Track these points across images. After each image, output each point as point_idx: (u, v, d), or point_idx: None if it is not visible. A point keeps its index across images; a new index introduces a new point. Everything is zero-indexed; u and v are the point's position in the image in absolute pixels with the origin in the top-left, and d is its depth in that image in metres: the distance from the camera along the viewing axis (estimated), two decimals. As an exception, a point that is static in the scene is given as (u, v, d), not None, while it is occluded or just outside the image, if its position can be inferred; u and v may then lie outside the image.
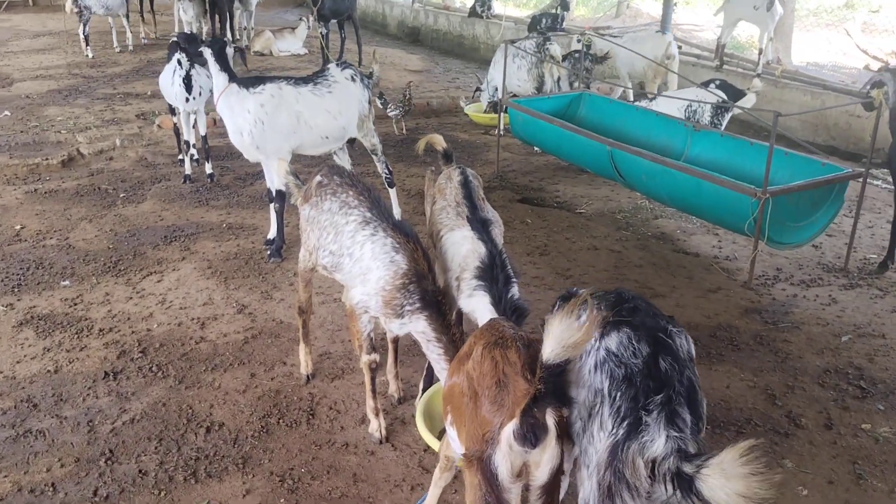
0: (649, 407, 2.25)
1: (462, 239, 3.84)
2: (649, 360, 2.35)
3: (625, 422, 2.27)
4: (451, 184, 4.18)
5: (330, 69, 6.10)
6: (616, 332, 2.45)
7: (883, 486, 3.67)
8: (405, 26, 18.66)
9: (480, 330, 2.84)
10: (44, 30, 17.55)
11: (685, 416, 2.26)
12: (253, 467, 3.74)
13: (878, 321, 5.22)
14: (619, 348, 2.40)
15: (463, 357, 2.74)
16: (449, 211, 4.04)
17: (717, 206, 5.80)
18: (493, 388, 2.48)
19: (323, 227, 3.92)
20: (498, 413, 2.44)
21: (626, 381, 2.33)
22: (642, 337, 2.41)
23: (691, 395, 2.33)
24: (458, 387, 2.68)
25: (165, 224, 6.72)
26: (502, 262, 3.64)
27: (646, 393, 2.28)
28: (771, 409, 4.25)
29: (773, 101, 9.59)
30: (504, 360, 2.53)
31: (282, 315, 5.18)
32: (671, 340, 2.44)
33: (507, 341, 2.61)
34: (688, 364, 2.43)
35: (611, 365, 2.39)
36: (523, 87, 9.05)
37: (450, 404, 2.78)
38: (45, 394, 4.30)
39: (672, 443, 2.18)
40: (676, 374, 2.34)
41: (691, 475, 2.07)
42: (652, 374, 2.32)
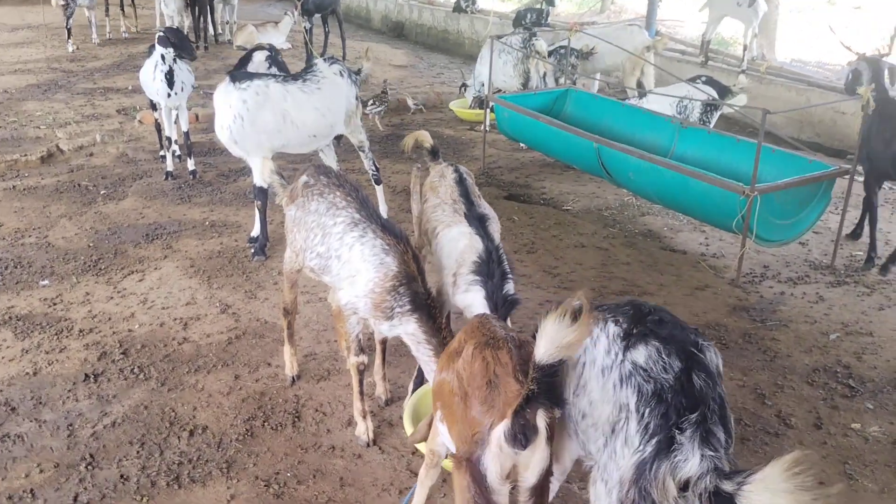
0: (683, 426, 2.18)
1: (459, 235, 3.81)
2: (682, 376, 2.28)
3: (654, 439, 2.21)
4: (445, 181, 4.16)
5: (318, 65, 6.01)
6: (644, 346, 2.37)
7: (873, 486, 3.65)
8: (389, 21, 18.55)
9: (471, 327, 2.79)
10: (22, 23, 17.29)
11: (720, 436, 2.20)
12: (237, 472, 3.67)
13: (865, 319, 5.21)
14: (649, 362, 2.33)
15: (453, 353, 2.71)
16: (445, 208, 4.01)
17: (704, 204, 5.78)
18: (484, 388, 2.45)
19: (310, 229, 3.84)
20: (488, 414, 2.41)
21: (656, 398, 2.26)
22: (673, 351, 2.33)
23: (723, 412, 2.27)
24: (447, 384, 2.65)
25: (147, 222, 6.61)
26: (499, 257, 3.63)
27: (678, 411, 2.21)
28: (760, 408, 4.23)
29: (758, 97, 9.58)
30: (495, 361, 2.50)
31: (266, 315, 5.10)
32: (702, 354, 2.37)
33: (498, 342, 2.58)
34: (718, 380, 2.36)
35: (638, 379, 2.31)
36: (509, 82, 9.00)
37: (440, 400, 2.75)
38: (23, 397, 4.20)
39: (708, 462, 2.12)
40: (710, 392, 2.27)
41: (731, 493, 2.00)
42: (685, 390, 2.25)
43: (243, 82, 5.60)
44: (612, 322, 2.52)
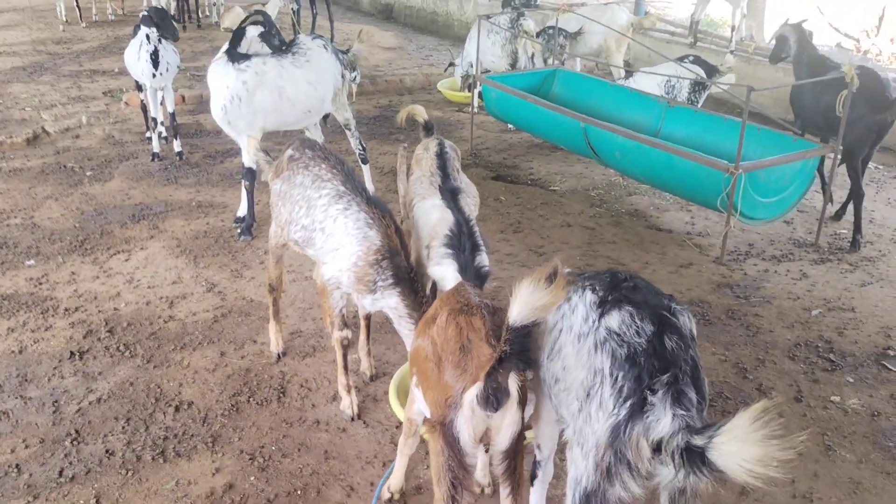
0: (655, 387, 2.19)
1: (432, 207, 3.82)
2: (654, 339, 2.29)
3: (627, 402, 2.22)
4: (428, 154, 4.18)
5: (300, 38, 6.00)
6: (617, 311, 2.39)
7: (851, 456, 3.71)
8: (378, 3, 18.45)
9: (446, 294, 2.83)
10: (7, 6, 17.13)
11: (691, 396, 2.20)
12: (223, 446, 3.69)
13: (847, 295, 5.26)
14: (622, 327, 2.34)
15: (429, 319, 2.74)
16: (423, 181, 4.02)
17: (689, 182, 5.80)
18: (457, 353, 2.49)
19: (295, 202, 3.84)
20: (461, 378, 2.45)
21: (630, 361, 2.27)
22: (645, 315, 2.35)
23: (695, 374, 2.28)
24: (423, 350, 2.68)
25: (133, 202, 6.60)
26: (470, 230, 3.62)
27: (650, 373, 2.22)
28: (742, 382, 4.27)
29: (746, 77, 9.59)
30: (469, 327, 2.54)
31: (252, 293, 5.12)
32: (675, 319, 2.38)
33: (472, 308, 2.62)
34: (691, 343, 2.38)
35: (612, 344, 2.33)
36: (497, 62, 8.97)
37: (415, 366, 2.79)
38: (9, 374, 4.21)
39: (679, 420, 2.13)
40: (682, 353, 2.28)
41: (702, 447, 2.00)
42: (657, 353, 2.26)
43: (242, 62, 5.56)
44: (590, 290, 2.54)
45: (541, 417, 2.82)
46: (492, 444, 2.50)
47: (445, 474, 2.50)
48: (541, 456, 2.95)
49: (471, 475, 2.57)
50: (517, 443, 2.50)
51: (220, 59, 5.62)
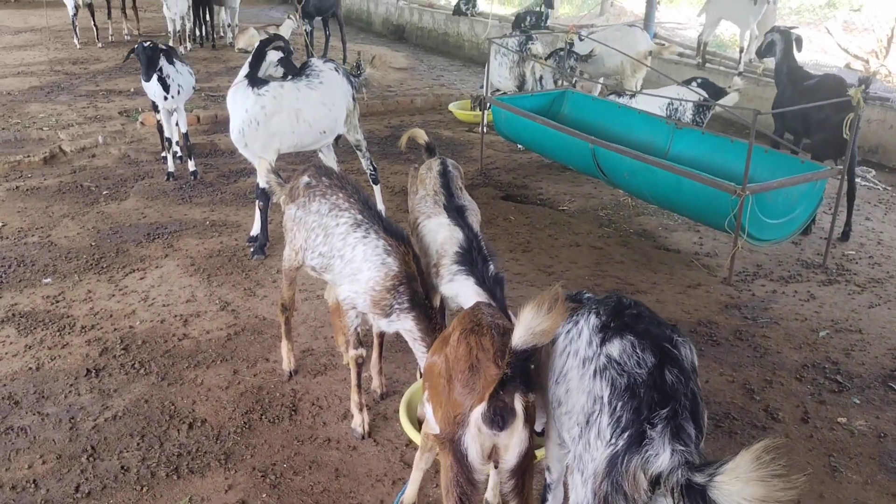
0: (654, 420, 2.20)
1: (438, 226, 3.90)
2: (655, 371, 2.30)
3: (625, 433, 2.23)
4: (431, 174, 4.27)
5: (312, 61, 6.13)
6: (619, 339, 2.41)
7: (857, 477, 3.73)
8: (390, 24, 18.66)
9: (464, 313, 2.91)
10: (25, 26, 17.43)
11: (690, 431, 2.21)
12: (235, 463, 3.75)
13: (855, 317, 5.29)
14: (623, 356, 2.36)
15: (446, 338, 2.82)
16: (427, 199, 4.11)
17: (697, 203, 5.85)
18: (466, 372, 2.57)
19: (311, 229, 3.92)
20: (469, 396, 2.52)
21: (629, 392, 2.29)
22: (647, 346, 2.37)
23: (694, 408, 2.29)
24: (436, 367, 2.76)
25: (148, 221, 6.71)
26: (479, 244, 3.72)
27: (650, 406, 2.23)
28: (749, 403, 4.30)
29: (754, 98, 9.67)
30: (478, 346, 2.61)
31: (265, 312, 5.19)
32: (677, 351, 2.40)
33: (482, 328, 2.69)
34: (692, 376, 2.39)
35: (612, 372, 2.35)
36: (505, 84, 9.08)
37: (428, 381, 2.86)
38: (26, 391, 4.29)
39: (678, 456, 2.13)
40: (682, 388, 2.29)
41: (703, 485, 2.01)
42: (657, 386, 2.27)
43: (261, 87, 5.68)
44: (594, 314, 2.58)
45: (550, 440, 2.86)
46: (500, 462, 2.55)
47: (454, 489, 2.56)
48: (550, 479, 2.99)
49: (479, 491, 2.62)
50: (525, 461, 2.55)
51: (241, 83, 5.72)
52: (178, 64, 7.56)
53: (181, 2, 14.32)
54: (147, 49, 7.16)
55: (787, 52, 7.12)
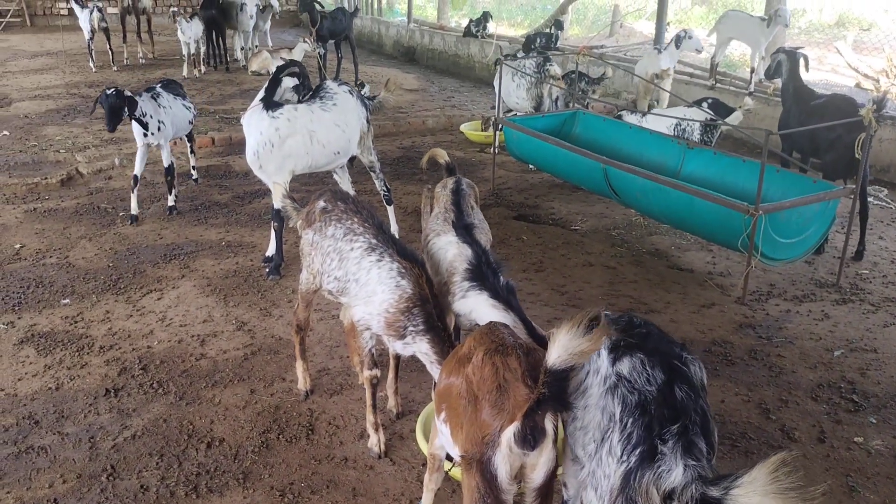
0: (665, 436, 2.23)
1: (447, 244, 3.94)
2: (664, 387, 2.33)
3: (637, 449, 2.26)
4: (445, 191, 4.33)
5: (327, 83, 6.21)
6: (629, 358, 2.45)
7: (875, 497, 3.72)
8: (401, 46, 18.83)
9: (480, 333, 2.89)
10: (41, 50, 17.68)
11: (701, 446, 2.23)
12: (253, 482, 3.78)
13: (869, 336, 5.29)
14: (633, 374, 2.39)
15: (462, 358, 2.80)
16: (438, 218, 4.17)
17: (710, 223, 5.87)
18: (494, 392, 2.56)
19: (326, 253, 3.96)
20: (498, 417, 2.52)
21: (640, 408, 2.31)
22: (656, 363, 2.40)
23: (705, 424, 2.32)
24: (455, 388, 2.75)
25: (165, 242, 6.78)
26: (487, 259, 3.76)
27: (661, 422, 2.26)
28: (765, 422, 4.30)
29: (765, 118, 9.71)
30: (505, 367, 2.61)
31: (281, 332, 5.23)
32: (686, 368, 2.43)
33: (507, 349, 2.70)
34: (701, 393, 2.41)
35: (623, 390, 2.38)
36: (522, 104, 9.16)
37: (445, 402, 2.84)
38: (46, 411, 4.33)
39: (691, 471, 2.15)
40: (692, 404, 2.31)
41: (719, 498, 2.02)
42: (668, 402, 2.30)
43: (276, 110, 5.76)
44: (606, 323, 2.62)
45: (565, 456, 2.88)
46: (526, 481, 2.56)
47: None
48: (567, 495, 3.00)
49: None
50: (551, 481, 2.57)
51: (257, 106, 5.80)
52: (167, 99, 7.40)
53: (195, 26, 14.53)
54: (110, 97, 6.77)
55: (793, 72, 7.17)
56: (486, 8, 21.48)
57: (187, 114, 7.74)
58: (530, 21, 22.51)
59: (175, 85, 7.83)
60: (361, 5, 22.48)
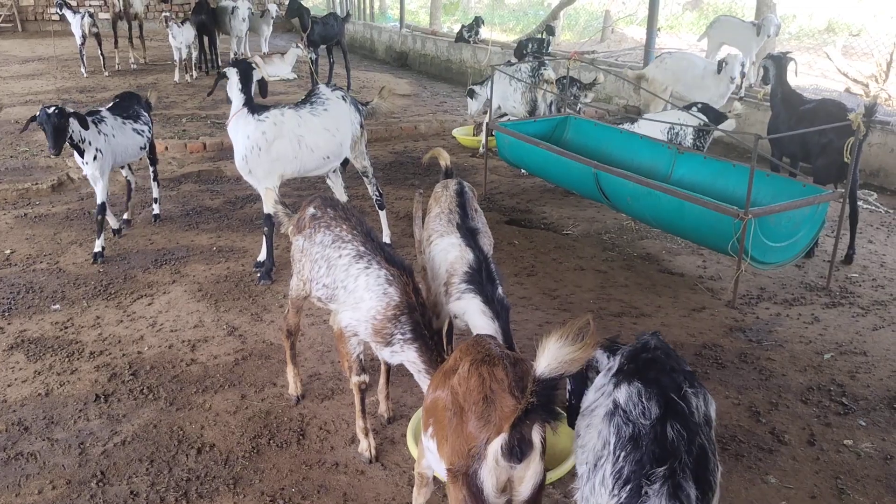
0: (651, 477, 2.16)
1: (450, 245, 3.95)
2: (657, 424, 2.25)
3: (627, 486, 2.20)
4: (447, 192, 4.32)
5: (320, 89, 6.22)
6: (626, 385, 2.37)
7: (865, 500, 3.73)
8: (393, 51, 18.86)
9: (466, 345, 2.85)
10: (33, 55, 17.64)
11: (689, 491, 2.16)
12: (244, 488, 3.77)
13: (859, 339, 5.31)
14: (629, 404, 2.32)
15: (448, 371, 2.76)
16: (441, 218, 4.16)
17: (700, 227, 5.90)
18: (481, 403, 2.51)
19: (314, 261, 3.97)
20: (485, 429, 2.47)
21: (632, 442, 2.25)
22: (653, 395, 2.32)
23: (700, 465, 2.23)
24: (441, 401, 2.70)
25: (156, 248, 6.76)
26: (488, 267, 3.78)
27: (650, 460, 2.19)
28: (755, 425, 4.31)
29: (755, 123, 9.76)
30: (491, 377, 2.56)
31: (272, 337, 5.23)
32: (685, 403, 2.32)
33: (494, 359, 2.65)
34: (702, 429, 2.31)
35: (619, 420, 2.32)
36: (517, 109, 9.18)
37: (432, 416, 2.80)
38: (36, 416, 4.32)
39: None
40: (684, 444, 2.23)
41: None
42: (658, 440, 2.22)
43: (262, 113, 5.76)
44: (621, 354, 2.56)
45: None
46: (513, 494, 2.50)
47: None
48: None
49: None
50: (539, 493, 2.51)
51: (240, 112, 5.78)
52: (112, 125, 6.52)
53: (187, 31, 14.52)
54: (52, 116, 5.96)
55: (780, 78, 7.22)
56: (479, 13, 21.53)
57: (138, 139, 6.80)
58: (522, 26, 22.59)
59: (130, 101, 6.98)
60: (354, 11, 22.52)
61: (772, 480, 3.85)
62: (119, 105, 6.87)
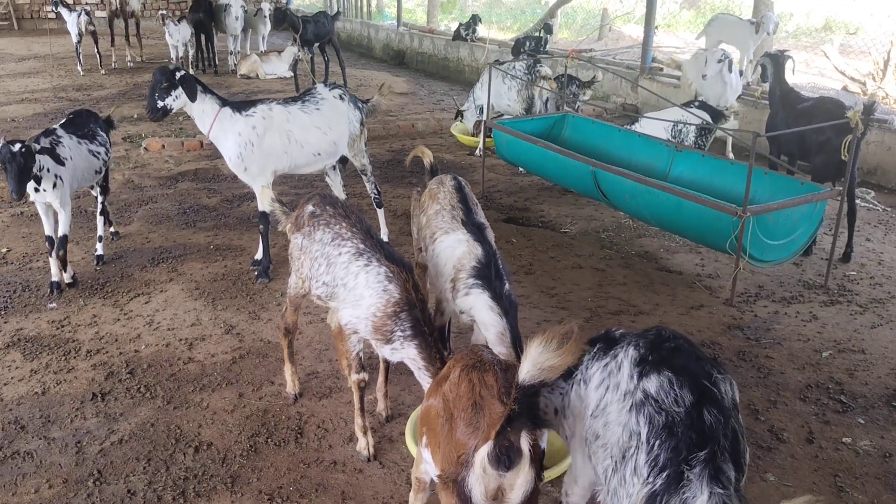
0: (692, 462, 2.18)
1: (457, 242, 3.94)
2: (692, 410, 2.27)
3: (663, 472, 2.22)
4: (444, 188, 4.29)
5: (317, 88, 6.21)
6: (657, 375, 2.37)
7: (863, 498, 3.73)
8: (390, 49, 18.84)
9: (459, 354, 2.83)
10: (29, 53, 17.60)
11: (730, 474, 2.20)
12: (241, 486, 3.75)
13: (857, 337, 5.31)
14: (660, 393, 2.33)
15: (441, 380, 2.74)
16: (444, 214, 4.13)
17: (698, 225, 5.89)
18: (469, 410, 2.48)
19: (314, 258, 3.95)
20: (473, 435, 2.44)
21: (667, 430, 2.26)
22: (685, 383, 2.33)
23: (735, 448, 2.27)
24: (434, 408, 2.68)
25: (153, 246, 6.74)
26: (496, 263, 3.79)
27: (688, 446, 2.21)
28: (754, 423, 4.31)
29: (753, 121, 9.75)
30: (481, 383, 2.53)
31: (269, 335, 5.21)
32: (716, 388, 2.35)
33: (484, 364, 2.62)
34: (732, 413, 2.35)
35: (650, 409, 2.32)
36: (513, 107, 9.17)
37: (426, 425, 2.77)
38: (32, 415, 4.30)
39: (717, 499, 2.13)
40: (721, 428, 2.25)
41: None
42: (695, 426, 2.24)
43: (248, 109, 5.75)
44: (633, 347, 2.55)
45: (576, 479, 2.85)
46: (504, 501, 2.45)
47: None
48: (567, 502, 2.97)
49: None
50: (532, 500, 2.47)
51: (221, 113, 5.68)
52: (70, 146, 5.75)
53: (183, 29, 14.50)
54: (17, 155, 5.16)
55: (778, 76, 7.22)
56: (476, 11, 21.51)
57: (94, 162, 6.02)
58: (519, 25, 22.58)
59: (86, 119, 6.17)
60: (351, 9, 22.51)
61: (770, 478, 3.85)
62: (73, 122, 6.03)
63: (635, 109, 11.55)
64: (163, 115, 5.66)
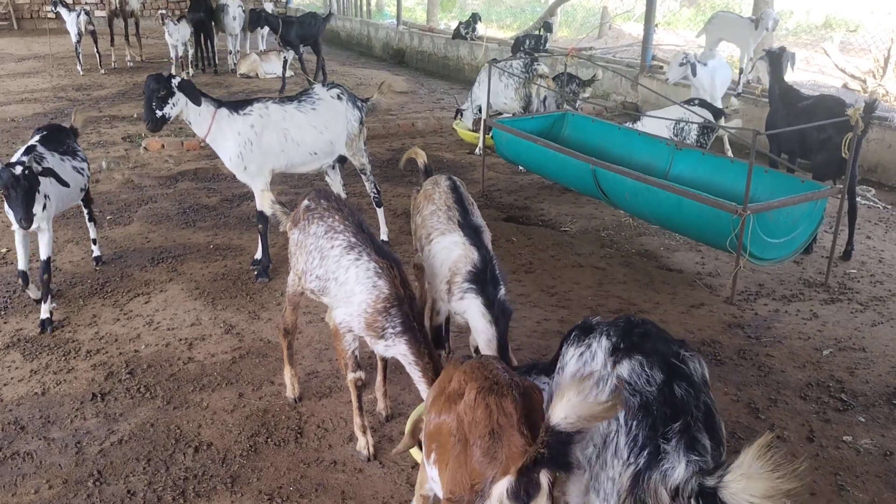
0: (668, 435, 2.25)
1: (453, 244, 3.93)
2: (664, 387, 2.35)
3: (644, 451, 2.27)
4: (439, 188, 4.28)
5: (315, 88, 6.21)
6: (628, 360, 2.45)
7: (864, 496, 3.73)
8: (390, 48, 18.82)
9: (471, 367, 2.68)
10: (28, 53, 17.60)
11: (705, 442, 2.26)
12: (241, 486, 3.75)
13: (858, 335, 5.30)
14: (633, 376, 2.40)
15: (452, 395, 2.61)
16: (439, 215, 4.12)
17: (699, 224, 5.88)
18: (487, 438, 2.39)
19: (308, 252, 3.96)
20: (490, 466, 2.36)
21: (643, 410, 2.32)
22: (655, 363, 2.41)
23: (709, 419, 2.33)
24: (447, 427, 2.57)
25: (152, 246, 6.74)
26: (493, 267, 3.77)
27: (664, 421, 2.28)
28: (754, 422, 4.30)
29: (753, 119, 9.73)
30: (499, 410, 2.43)
31: (269, 335, 5.21)
32: (684, 365, 2.44)
33: (502, 388, 2.50)
34: (703, 388, 2.42)
35: (625, 393, 2.38)
36: (510, 105, 9.16)
37: (435, 442, 2.66)
38: (32, 416, 4.29)
39: (693, 466, 2.18)
40: (693, 400, 2.33)
41: (714, 487, 2.04)
42: (668, 401, 2.32)
43: (244, 108, 5.75)
44: (605, 336, 2.60)
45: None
46: None
47: None
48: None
49: None
50: None
51: (219, 114, 5.67)
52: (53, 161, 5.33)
53: (183, 28, 14.48)
54: (21, 179, 4.80)
55: (777, 73, 7.21)
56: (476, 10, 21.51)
57: (79, 179, 5.69)
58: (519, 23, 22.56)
59: (61, 134, 5.80)
60: (351, 7, 22.50)
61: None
62: (50, 139, 5.61)
63: (635, 108, 11.53)
64: (162, 124, 5.57)
